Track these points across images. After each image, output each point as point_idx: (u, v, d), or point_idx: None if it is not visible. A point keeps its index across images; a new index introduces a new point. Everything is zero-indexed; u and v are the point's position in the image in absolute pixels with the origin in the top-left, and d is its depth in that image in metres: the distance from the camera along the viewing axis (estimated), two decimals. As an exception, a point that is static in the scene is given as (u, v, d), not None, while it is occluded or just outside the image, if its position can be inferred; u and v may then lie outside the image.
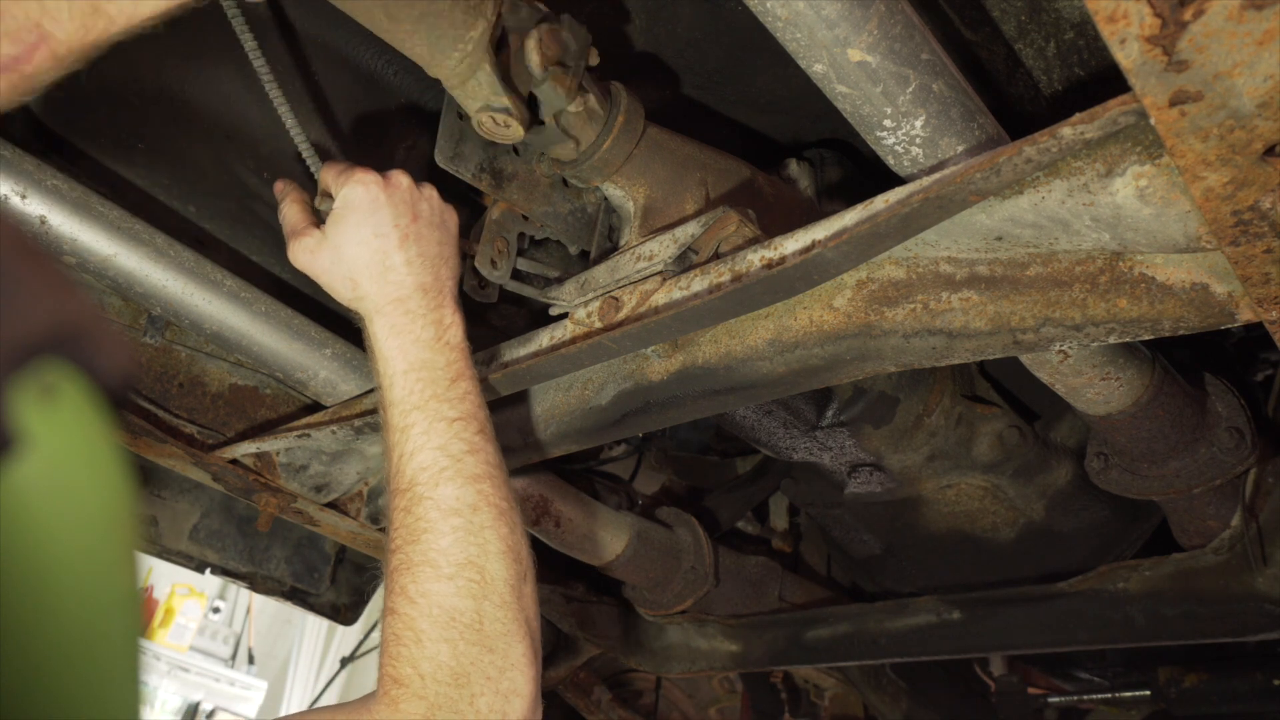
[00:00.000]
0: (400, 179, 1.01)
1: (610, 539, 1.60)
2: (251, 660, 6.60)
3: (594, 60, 1.00)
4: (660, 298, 1.00)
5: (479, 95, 0.93)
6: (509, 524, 0.90)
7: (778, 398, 1.14)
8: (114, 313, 1.30)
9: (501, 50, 0.94)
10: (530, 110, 1.00)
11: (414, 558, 0.86)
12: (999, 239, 0.85)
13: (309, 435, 1.34)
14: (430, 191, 1.04)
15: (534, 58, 0.93)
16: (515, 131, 0.98)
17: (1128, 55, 0.54)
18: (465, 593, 0.85)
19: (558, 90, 0.96)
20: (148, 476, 1.71)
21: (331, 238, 0.99)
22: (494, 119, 0.96)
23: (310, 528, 1.62)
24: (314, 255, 1.00)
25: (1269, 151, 0.58)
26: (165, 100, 1.24)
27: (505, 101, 0.94)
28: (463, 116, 1.06)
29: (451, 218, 1.06)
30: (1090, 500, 1.51)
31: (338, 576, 2.04)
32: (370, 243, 0.97)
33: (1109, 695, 2.18)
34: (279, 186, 1.10)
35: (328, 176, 1.04)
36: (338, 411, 1.33)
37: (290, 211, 1.06)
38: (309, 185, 1.12)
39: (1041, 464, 1.51)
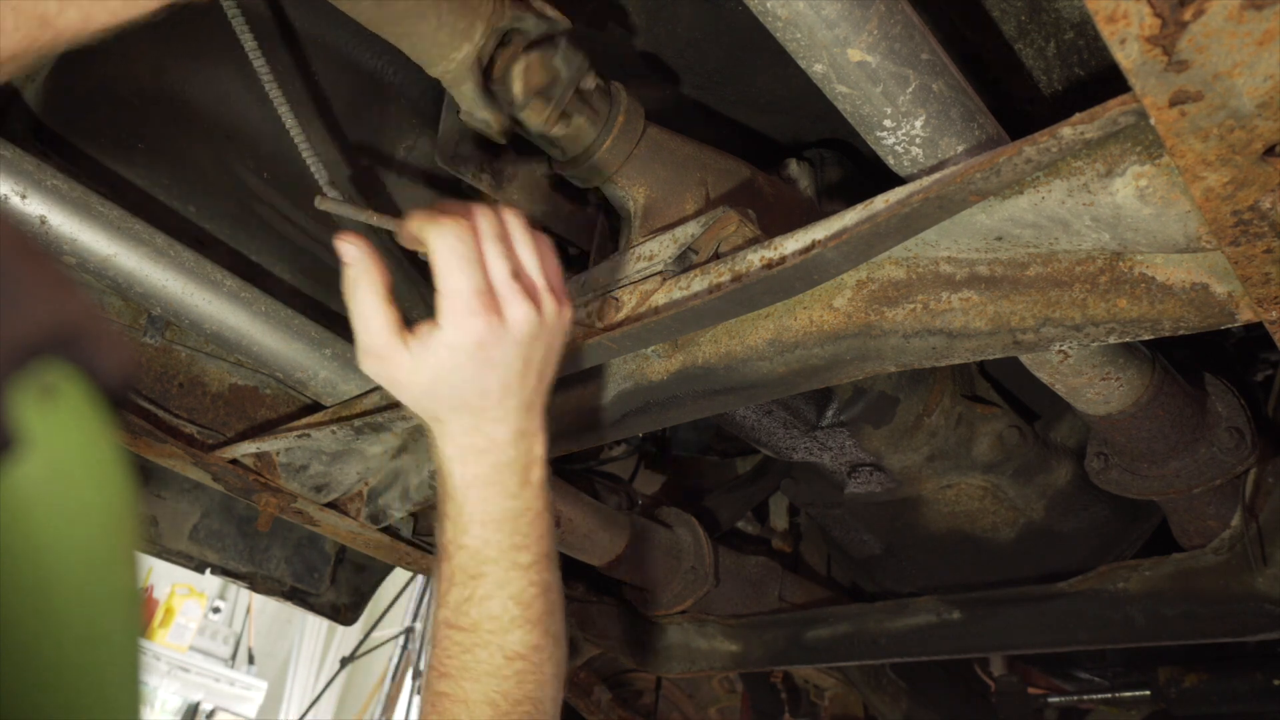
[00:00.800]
0: (511, 304, 0.82)
1: (610, 539, 1.60)
2: (251, 660, 6.60)
3: (589, 84, 1.00)
4: (660, 298, 1.00)
5: (464, 103, 0.94)
6: (562, 648, 0.91)
7: (778, 398, 1.14)
8: (114, 313, 1.30)
9: (496, 61, 0.95)
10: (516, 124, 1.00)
11: (471, 694, 0.85)
12: (999, 239, 0.85)
13: (309, 435, 1.34)
14: (547, 300, 0.86)
15: (516, 85, 0.94)
16: (497, 138, 0.98)
17: (1128, 55, 0.54)
18: None
19: (534, 119, 0.96)
20: (148, 476, 1.71)
21: (421, 363, 0.83)
22: (473, 121, 0.97)
23: (310, 528, 1.62)
24: (386, 364, 0.85)
25: (1269, 151, 0.58)
26: (165, 100, 1.24)
27: (485, 115, 0.94)
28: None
29: (563, 320, 0.88)
30: (1090, 500, 1.51)
31: (338, 576, 2.04)
32: (466, 386, 0.83)
33: (1109, 695, 2.18)
34: (350, 251, 0.86)
35: (428, 233, 0.83)
36: (338, 411, 1.34)
37: (368, 306, 0.84)
38: (311, 185, 1.12)
39: (1041, 464, 1.51)
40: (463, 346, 0.82)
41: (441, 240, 0.81)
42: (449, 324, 0.82)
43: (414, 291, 1.16)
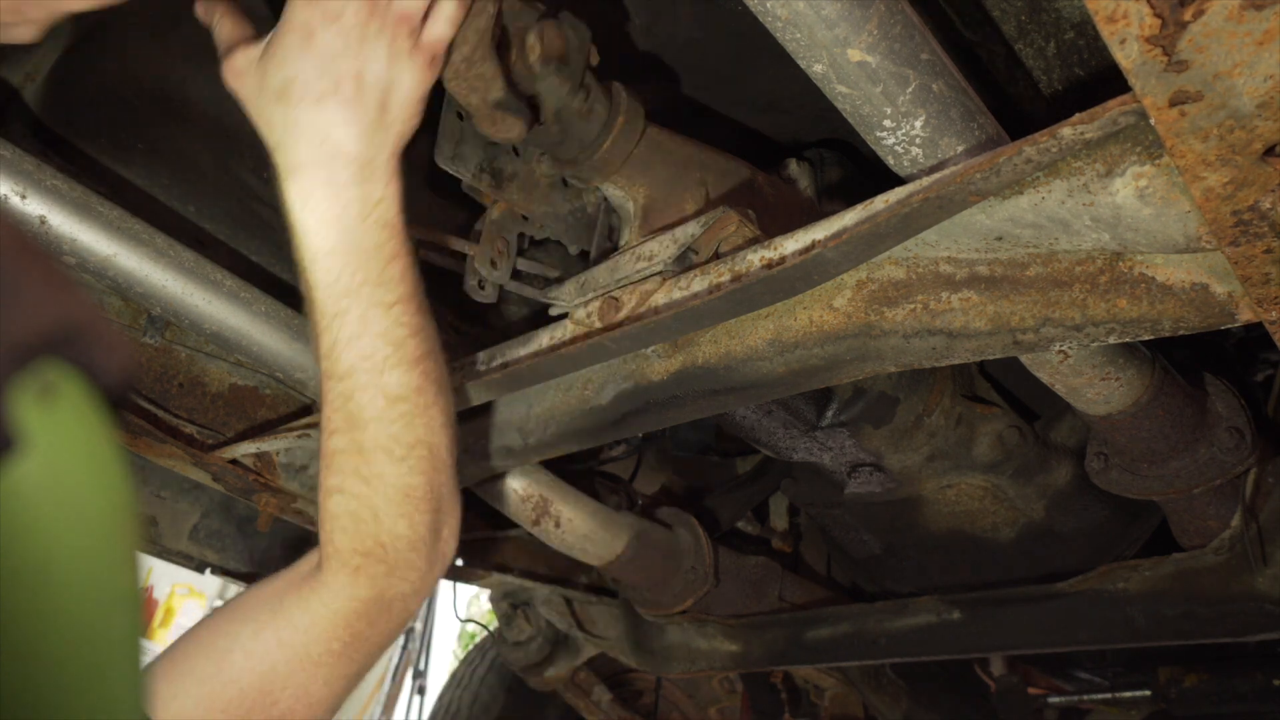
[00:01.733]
0: (346, 8, 0.81)
1: (610, 539, 1.60)
2: (251, 660, 6.58)
3: (594, 59, 1.00)
4: (660, 298, 1.00)
5: (480, 91, 0.93)
6: (447, 395, 0.90)
7: (778, 398, 1.14)
8: (114, 313, 1.31)
9: (503, 52, 0.94)
10: (532, 110, 1.00)
11: (363, 443, 0.84)
12: (999, 239, 0.85)
13: (309, 435, 1.34)
14: (391, 30, 0.83)
15: (535, 53, 0.93)
16: (517, 130, 0.97)
17: (1128, 55, 0.54)
18: (419, 470, 0.86)
19: (559, 85, 0.95)
20: (148, 476, 1.71)
21: (261, 64, 0.83)
22: (494, 117, 0.95)
23: (310, 528, 1.62)
24: (239, 81, 0.85)
25: (1269, 151, 0.58)
26: (165, 100, 1.24)
27: (504, 97, 0.94)
28: (462, 116, 1.06)
29: (410, 72, 0.84)
30: (1090, 500, 1.51)
31: (338, 576, 2.04)
32: (293, 87, 0.81)
33: (1109, 695, 2.18)
34: (202, 10, 0.90)
35: None
36: (338, 411, 1.33)
37: (222, 29, 0.89)
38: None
39: (1041, 464, 1.51)
40: (289, 28, 0.81)
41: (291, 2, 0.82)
42: (285, 14, 0.82)
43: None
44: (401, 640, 5.48)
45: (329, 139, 0.82)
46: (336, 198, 0.82)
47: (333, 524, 0.86)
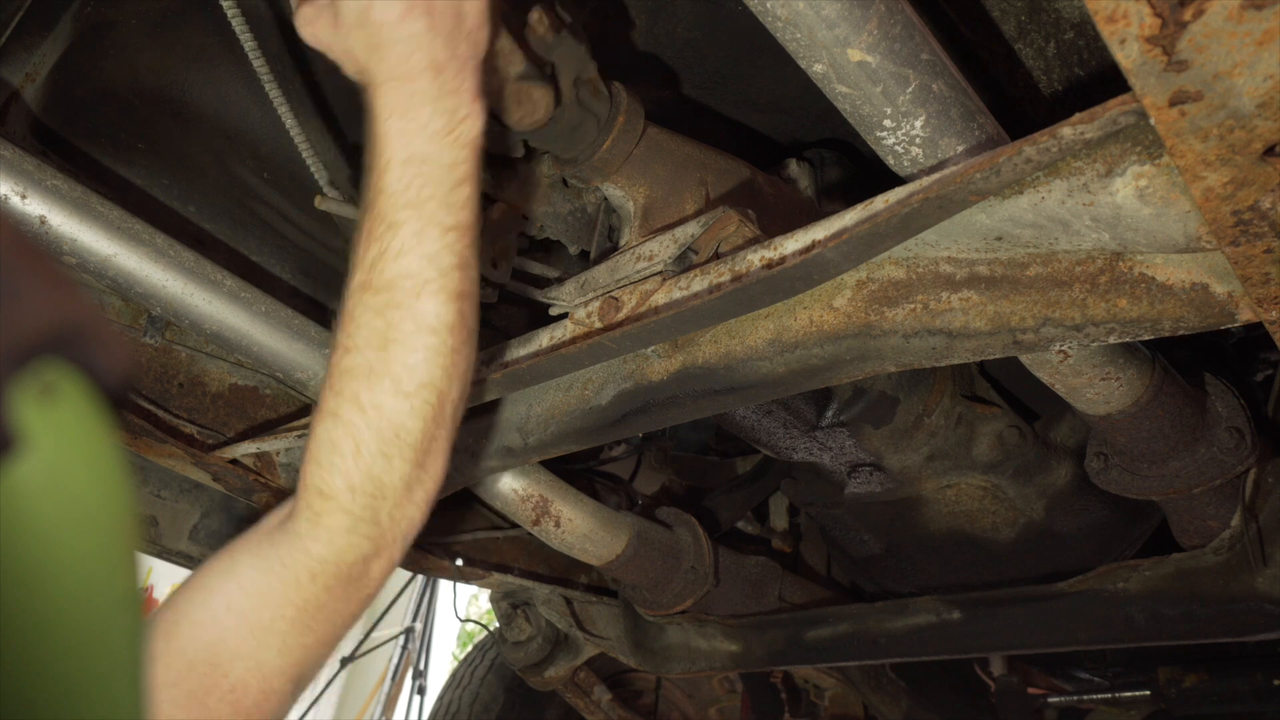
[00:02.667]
0: None
1: (610, 539, 1.60)
2: (251, 660, 6.58)
3: (591, 72, 1.00)
4: (660, 298, 1.00)
5: (502, 67, 0.92)
6: (473, 346, 0.87)
7: (778, 398, 1.14)
8: (114, 313, 1.31)
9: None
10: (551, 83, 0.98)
11: (375, 365, 0.81)
12: (999, 239, 0.85)
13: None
14: None
15: (542, 27, 0.93)
16: (545, 103, 0.94)
17: (1128, 55, 0.54)
18: (419, 414, 0.82)
19: (576, 47, 0.94)
20: (147, 476, 1.71)
21: (331, 3, 0.85)
22: (520, 92, 0.94)
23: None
24: (314, 26, 0.87)
25: (1269, 151, 0.58)
26: (165, 100, 1.24)
27: (526, 68, 0.92)
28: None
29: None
30: (1090, 500, 1.51)
31: (338, 576, 2.04)
32: (371, 11, 0.82)
33: (1109, 695, 2.18)
34: None
35: None
36: (338, 411, 1.33)
37: None
38: (310, 185, 1.12)
39: (1041, 464, 1.51)
40: None
41: None
42: None
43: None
44: (401, 640, 5.48)
45: (414, 52, 0.82)
46: (423, 108, 0.82)
47: (313, 454, 0.82)
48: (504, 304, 1.58)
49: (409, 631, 5.42)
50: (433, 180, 0.83)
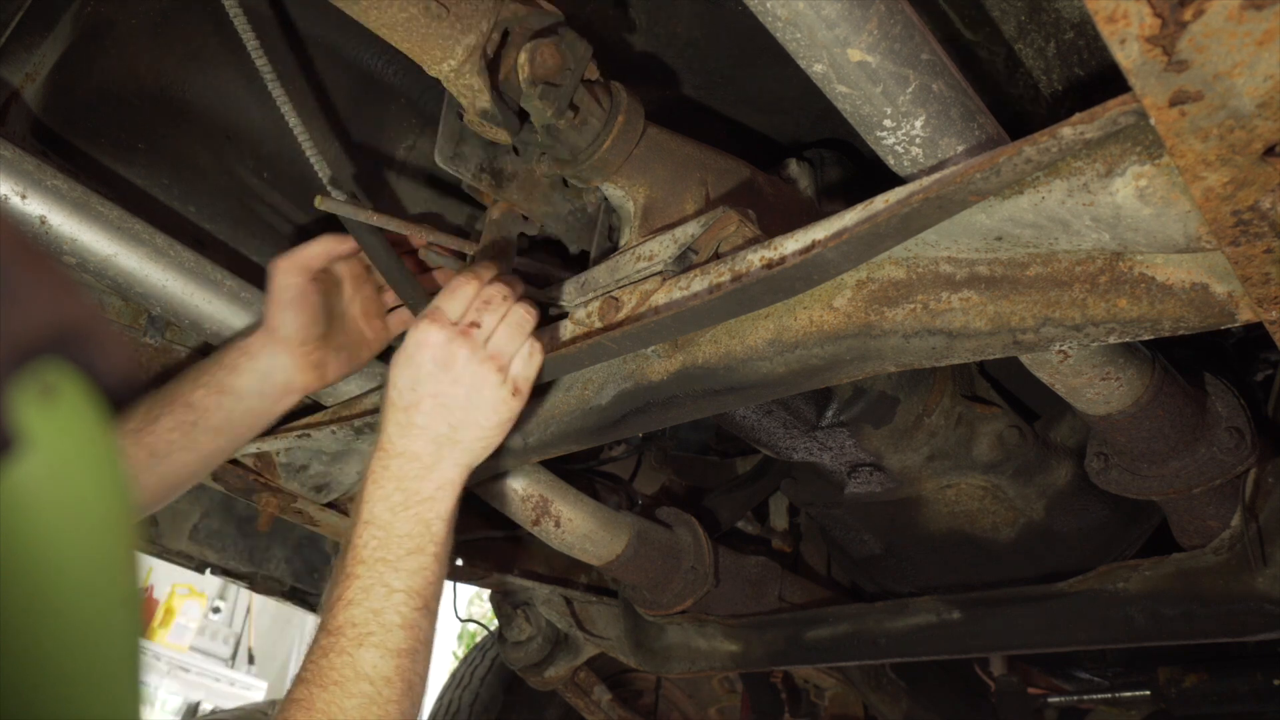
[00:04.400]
0: (472, 341, 0.98)
1: (610, 539, 1.60)
2: (251, 660, 6.61)
3: (592, 75, 1.00)
4: (660, 298, 1.00)
5: (468, 99, 0.94)
6: (413, 701, 0.93)
7: (778, 398, 1.14)
8: (114, 313, 1.30)
9: (501, 57, 0.95)
10: (521, 118, 1.00)
11: (316, 703, 0.87)
12: (999, 239, 0.85)
13: (309, 435, 1.34)
14: (505, 356, 1.01)
15: (524, 73, 0.94)
16: (501, 138, 0.98)
17: (1128, 55, 0.54)
18: None
19: (544, 109, 0.96)
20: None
21: (393, 360, 1.02)
22: (480, 124, 0.96)
23: (310, 528, 1.62)
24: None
25: (1269, 151, 0.58)
26: (165, 100, 1.24)
27: (491, 109, 0.94)
28: (462, 117, 1.06)
29: (508, 404, 1.02)
30: (1090, 500, 1.51)
31: (338, 576, 2.04)
32: (391, 390, 0.99)
33: (1109, 695, 2.18)
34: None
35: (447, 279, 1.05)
36: (338, 411, 1.34)
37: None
38: (311, 185, 1.12)
39: (1041, 464, 1.51)
40: (408, 344, 0.99)
41: (455, 278, 1.02)
42: (421, 319, 0.99)
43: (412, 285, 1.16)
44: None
45: (395, 440, 0.99)
46: (389, 482, 0.97)
47: None
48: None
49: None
50: (384, 544, 0.94)
